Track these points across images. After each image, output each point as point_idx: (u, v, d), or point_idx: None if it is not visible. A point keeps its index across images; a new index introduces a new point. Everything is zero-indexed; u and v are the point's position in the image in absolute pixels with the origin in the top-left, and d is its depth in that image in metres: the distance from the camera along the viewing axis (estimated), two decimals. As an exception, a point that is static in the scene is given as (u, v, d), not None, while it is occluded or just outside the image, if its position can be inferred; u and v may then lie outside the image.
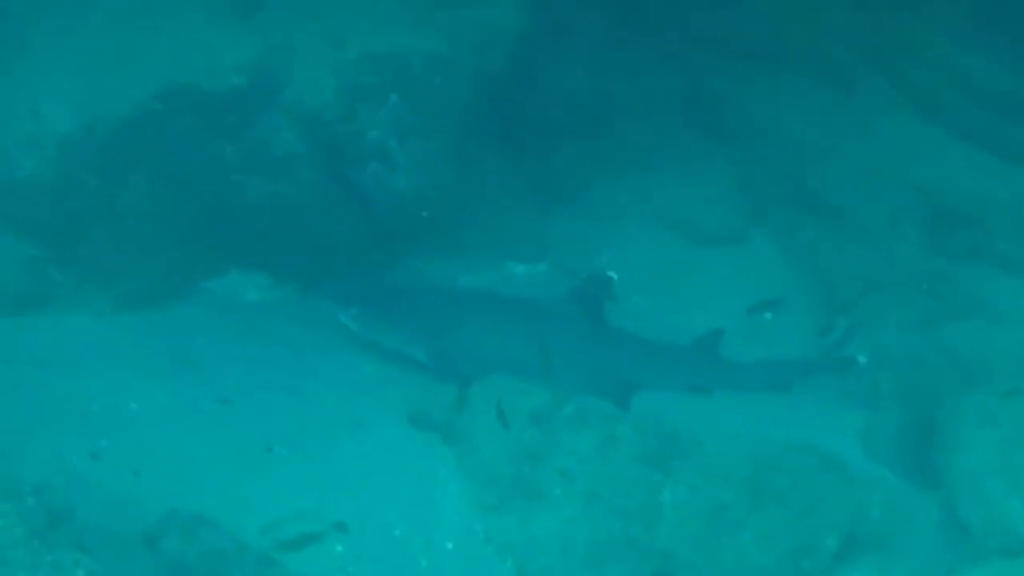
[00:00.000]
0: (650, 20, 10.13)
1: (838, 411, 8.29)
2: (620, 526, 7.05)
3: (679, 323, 8.74)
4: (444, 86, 8.43)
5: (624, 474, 7.15)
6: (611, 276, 8.51)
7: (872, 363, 8.44)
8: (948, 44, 10.14)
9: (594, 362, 8.26)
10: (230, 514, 6.84)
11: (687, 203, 9.83)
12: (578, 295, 8.42)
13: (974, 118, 9.97)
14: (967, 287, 9.07)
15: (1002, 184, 9.60)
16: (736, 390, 8.36)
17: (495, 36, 8.55)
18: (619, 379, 8.17)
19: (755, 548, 7.06)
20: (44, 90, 8.02)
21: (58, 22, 8.30)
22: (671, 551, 7.04)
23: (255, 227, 8.36)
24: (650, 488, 7.13)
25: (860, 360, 8.44)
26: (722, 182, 9.98)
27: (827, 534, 7.10)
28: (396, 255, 8.93)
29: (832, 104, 10.11)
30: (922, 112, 10.07)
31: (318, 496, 7.16)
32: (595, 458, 7.19)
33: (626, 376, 8.24)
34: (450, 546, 7.05)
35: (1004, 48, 10.04)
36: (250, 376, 7.91)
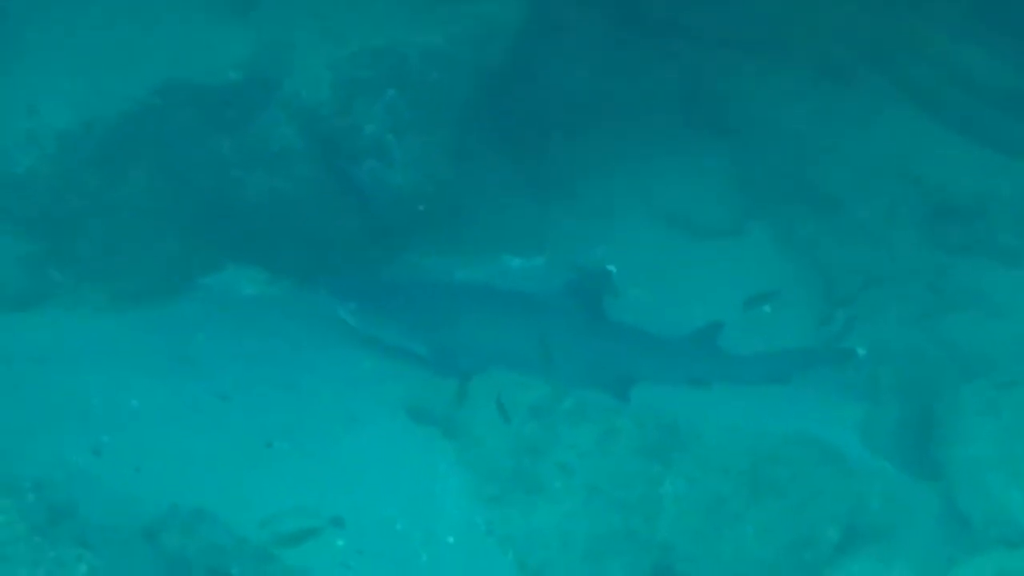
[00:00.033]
0: (648, 15, 10.11)
1: (838, 403, 8.28)
2: (620, 519, 7.06)
3: (678, 316, 8.73)
4: (441, 81, 8.41)
5: (624, 467, 7.16)
6: (610, 269, 8.52)
7: (871, 355, 8.45)
8: (947, 39, 10.13)
9: (593, 355, 8.26)
10: (230, 509, 6.85)
11: (685, 197, 9.81)
12: (576, 288, 8.42)
13: (973, 112, 9.96)
14: (966, 280, 9.08)
15: (1002, 178, 9.59)
16: (735, 382, 8.36)
17: (493, 31, 8.52)
18: (618, 372, 8.16)
19: (755, 540, 7.06)
20: (42, 87, 8.00)
21: (55, 19, 8.29)
22: (671, 543, 7.05)
23: (253, 222, 8.36)
24: (650, 481, 7.13)
25: (859, 352, 8.45)
26: (721, 177, 9.96)
27: (827, 526, 7.10)
28: (394, 249, 8.92)
29: (831, 100, 10.09)
30: (921, 107, 10.06)
31: (318, 491, 7.16)
32: (595, 451, 7.20)
33: (625, 369, 8.23)
34: (451, 540, 7.05)
35: (1003, 43, 10.03)
36: (249, 372, 7.90)
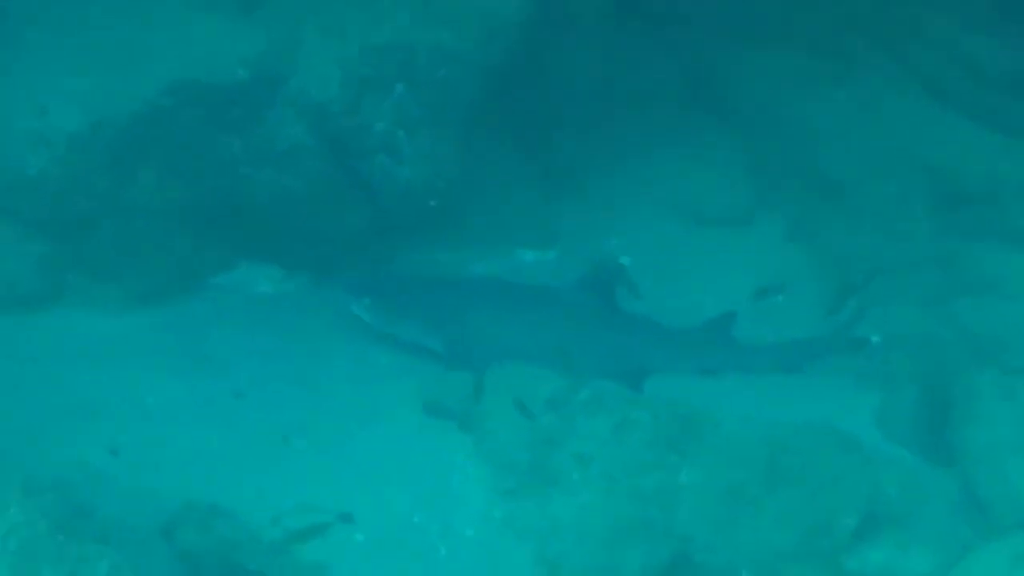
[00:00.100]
0: (653, 6, 10.11)
1: (853, 391, 8.24)
2: (637, 509, 7.03)
3: (690, 306, 8.73)
4: (450, 77, 8.40)
5: (640, 457, 7.12)
6: (623, 262, 8.51)
7: (885, 343, 8.43)
8: (953, 25, 10.12)
9: (607, 347, 8.25)
10: (247, 505, 6.87)
11: (695, 187, 9.78)
12: (590, 281, 8.42)
13: (982, 97, 9.94)
14: (979, 265, 9.04)
15: (1012, 162, 9.57)
16: (749, 372, 8.35)
17: (499, 26, 8.50)
18: (632, 363, 8.16)
19: (773, 528, 7.03)
20: (51, 89, 7.98)
21: (62, 20, 8.27)
22: (689, 533, 7.03)
23: (265, 220, 8.36)
24: (667, 471, 7.10)
25: (872, 340, 8.43)
26: (729, 166, 9.94)
27: (845, 513, 7.07)
28: (406, 245, 8.90)
29: (839, 87, 10.08)
30: (930, 92, 10.04)
31: (335, 486, 7.15)
32: (611, 442, 7.16)
33: (639, 360, 8.23)
34: (469, 532, 7.05)
35: (1009, 28, 10.01)
36: (264, 368, 7.91)
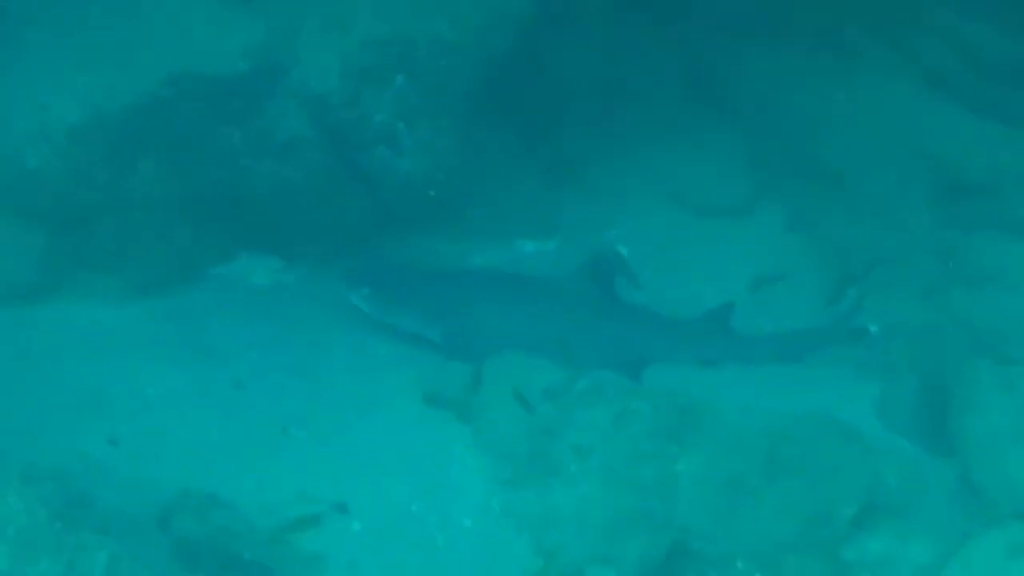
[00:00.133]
0: (653, -2, 10.12)
1: (852, 381, 8.25)
2: (636, 499, 7.03)
3: (689, 297, 8.74)
4: (450, 68, 8.39)
5: (639, 447, 7.12)
6: (621, 252, 8.51)
7: (884, 333, 8.44)
8: (954, 14, 10.08)
9: (606, 337, 8.26)
10: (246, 496, 6.88)
11: (695, 178, 9.78)
12: (590, 271, 8.42)
13: (981, 87, 9.90)
14: (979, 255, 9.02)
15: (1013, 152, 9.53)
16: (748, 362, 8.36)
17: (500, 17, 8.51)
18: (631, 353, 8.17)
19: (772, 518, 7.03)
20: (50, 82, 7.98)
21: (60, 13, 8.26)
22: (688, 524, 7.02)
23: (264, 211, 8.35)
24: (666, 461, 7.10)
25: (872, 330, 8.43)
26: (729, 156, 9.93)
27: (844, 503, 7.07)
28: (405, 235, 8.91)
29: (838, 76, 10.04)
30: (930, 82, 9.99)
31: (334, 476, 7.16)
32: (610, 432, 7.16)
33: (638, 350, 8.24)
34: (467, 523, 7.05)
35: (1010, 16, 9.98)
36: (263, 359, 7.93)
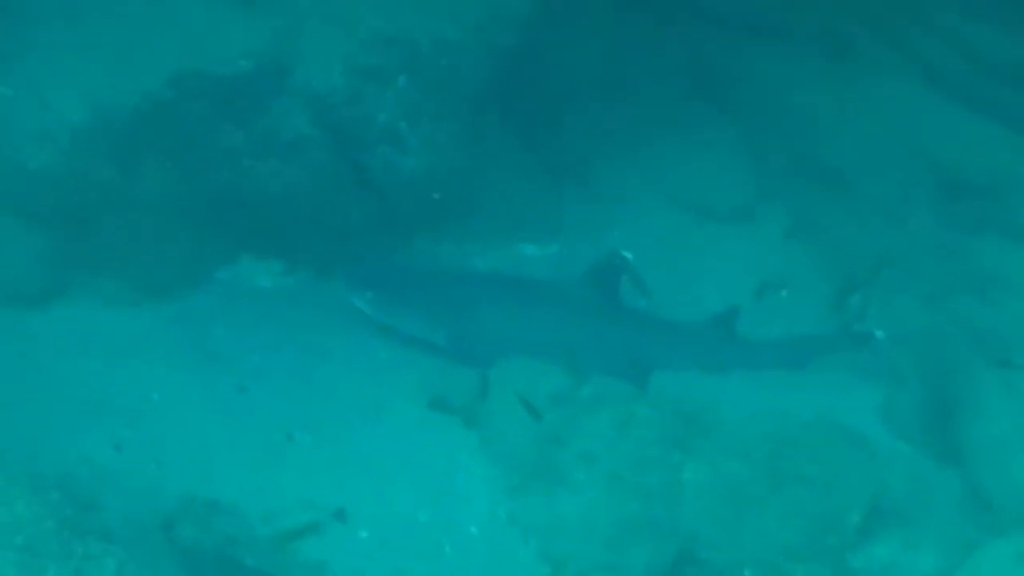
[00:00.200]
0: (656, -3, 10.10)
1: (858, 387, 8.26)
2: (642, 506, 7.03)
3: (694, 302, 8.73)
4: (453, 67, 8.37)
5: (645, 454, 7.12)
6: (626, 256, 8.48)
7: (889, 338, 8.43)
8: (956, 15, 10.08)
9: (610, 342, 8.24)
10: (250, 502, 6.85)
11: (699, 181, 9.76)
12: (593, 276, 8.39)
13: (985, 89, 9.91)
14: (982, 259, 9.04)
15: (1015, 155, 9.55)
16: (753, 368, 8.34)
17: (502, 16, 8.49)
18: (635, 359, 8.14)
19: (778, 525, 7.03)
20: (53, 82, 7.90)
21: (63, 13, 8.21)
22: (693, 531, 7.02)
23: (267, 213, 8.30)
24: (671, 468, 7.10)
25: (877, 335, 8.43)
26: (733, 159, 9.92)
27: (850, 510, 7.06)
28: (409, 238, 8.88)
29: (841, 77, 10.06)
30: (933, 84, 10.01)
31: (338, 482, 7.14)
32: (615, 439, 7.16)
33: (642, 356, 8.21)
34: (473, 530, 7.04)
35: (1012, 18, 9.98)
36: (267, 363, 7.89)
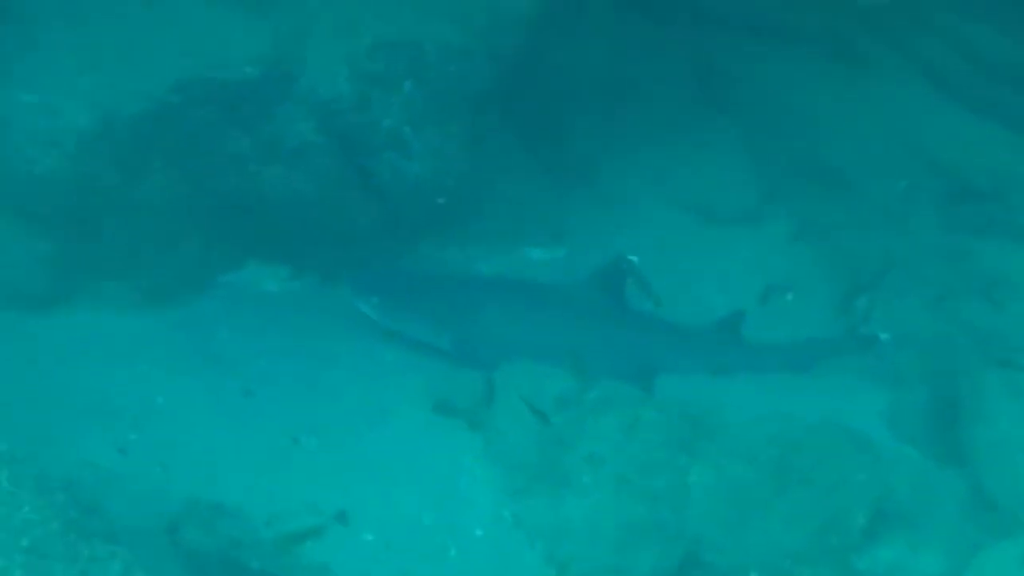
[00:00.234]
0: (660, 0, 10.10)
1: (863, 390, 8.26)
2: (648, 509, 7.03)
3: (700, 305, 8.74)
4: (458, 72, 8.38)
5: (650, 457, 7.13)
6: (632, 259, 8.48)
7: (894, 341, 8.43)
8: (958, 17, 10.08)
9: (616, 346, 8.24)
10: (255, 504, 6.86)
11: (704, 184, 9.76)
12: (599, 279, 8.39)
13: (988, 92, 9.91)
14: (987, 261, 9.04)
15: (1018, 157, 9.56)
16: (758, 371, 8.34)
17: (507, 20, 8.50)
18: (641, 362, 8.15)
19: (783, 528, 7.03)
20: (59, 87, 7.92)
21: (70, 17, 8.23)
22: (699, 533, 7.02)
23: (273, 218, 8.32)
24: (677, 471, 7.11)
25: (882, 338, 8.41)
26: (737, 162, 9.92)
27: (855, 512, 7.06)
28: (414, 243, 8.89)
29: (845, 80, 10.05)
30: (936, 86, 10.01)
31: (343, 486, 7.14)
32: (622, 442, 7.16)
33: (648, 359, 8.22)
34: (479, 533, 7.04)
35: (1015, 20, 9.97)
36: (273, 368, 7.90)
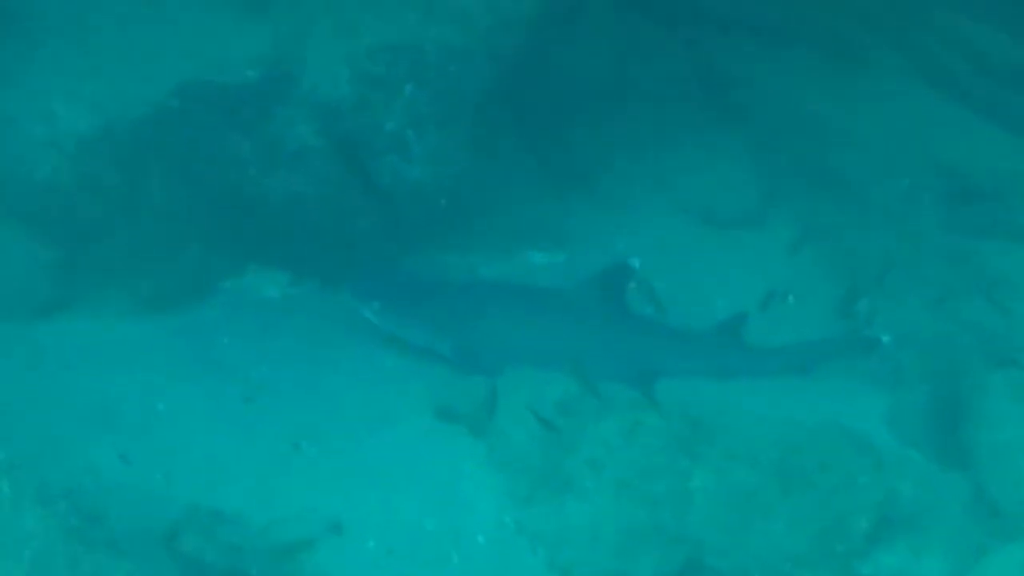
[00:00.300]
0: (663, 3, 10.08)
1: (865, 392, 8.24)
2: (649, 514, 7.02)
3: (701, 308, 8.72)
4: (459, 75, 8.36)
5: (652, 462, 7.11)
6: (633, 264, 8.46)
7: (896, 343, 8.40)
8: (961, 18, 10.08)
9: (617, 349, 8.23)
10: (256, 511, 6.86)
11: (705, 187, 9.75)
12: (600, 284, 8.37)
13: (991, 93, 9.93)
14: (988, 262, 9.04)
15: (1020, 158, 9.56)
16: (760, 375, 8.33)
17: (508, 23, 8.47)
18: (642, 366, 8.14)
19: (785, 532, 7.01)
20: (59, 92, 7.92)
21: (70, 22, 8.24)
22: (701, 538, 7.01)
23: (274, 223, 8.30)
24: (678, 475, 7.09)
25: (884, 340, 8.39)
26: (740, 165, 9.90)
27: (858, 516, 7.05)
28: (415, 247, 8.87)
29: (846, 81, 10.07)
30: (938, 88, 10.03)
31: (344, 492, 7.14)
32: (623, 446, 7.15)
33: (649, 363, 8.21)
34: (481, 539, 7.03)
35: (1015, 19, 9.97)
36: (274, 374, 7.89)
